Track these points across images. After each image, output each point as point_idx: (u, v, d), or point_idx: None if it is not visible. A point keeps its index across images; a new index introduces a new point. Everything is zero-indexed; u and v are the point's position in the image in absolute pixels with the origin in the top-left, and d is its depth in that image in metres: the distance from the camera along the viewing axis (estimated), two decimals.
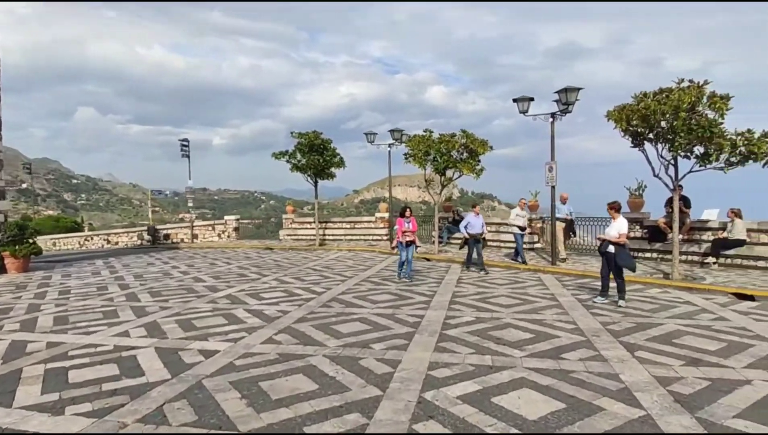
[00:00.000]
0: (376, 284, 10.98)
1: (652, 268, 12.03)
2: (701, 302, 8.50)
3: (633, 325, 6.99)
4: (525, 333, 6.63)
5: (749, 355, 5.51)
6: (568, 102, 12.17)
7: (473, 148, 16.00)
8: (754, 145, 9.12)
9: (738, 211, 11.48)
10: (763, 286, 9.32)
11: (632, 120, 10.19)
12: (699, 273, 11.03)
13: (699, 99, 9.41)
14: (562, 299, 8.92)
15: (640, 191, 13.82)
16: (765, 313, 7.62)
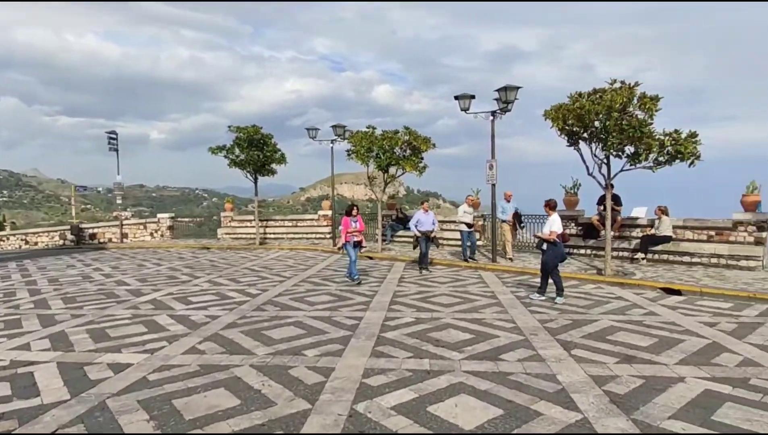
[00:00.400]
0: (315, 285, 10.56)
1: (586, 264, 12.37)
2: (632, 297, 8.74)
3: (569, 322, 7.01)
4: (464, 333, 6.47)
5: (680, 351, 5.60)
6: (507, 100, 12.26)
7: (416, 145, 15.88)
8: (680, 145, 9.49)
9: (665, 208, 12.01)
10: (689, 281, 9.74)
11: (568, 119, 10.36)
12: (629, 268, 11.43)
13: (630, 100, 9.69)
14: (502, 297, 8.89)
15: (575, 190, 14.21)
16: (692, 308, 7.90)
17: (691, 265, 11.46)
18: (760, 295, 8.35)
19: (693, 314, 7.42)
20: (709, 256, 11.27)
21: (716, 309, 7.78)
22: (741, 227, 11.17)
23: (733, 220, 11.30)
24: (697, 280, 9.78)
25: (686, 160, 9.68)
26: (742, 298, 8.41)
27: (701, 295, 8.83)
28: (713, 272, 10.62)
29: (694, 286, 9.26)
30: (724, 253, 11.06)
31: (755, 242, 10.95)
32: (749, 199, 11.12)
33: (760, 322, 6.87)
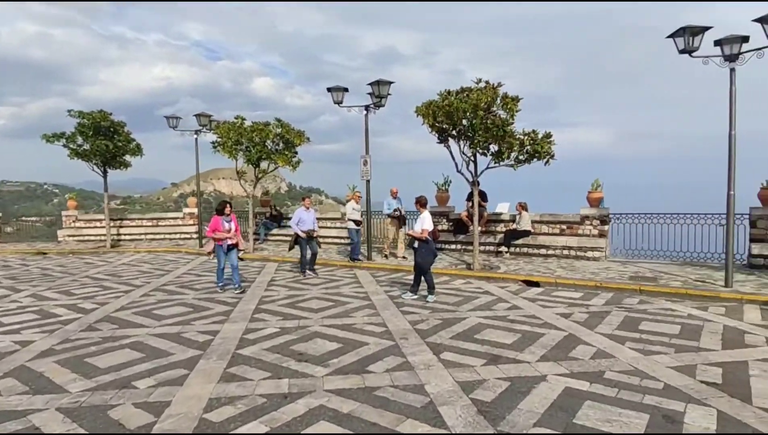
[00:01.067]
0: (170, 294, 9.28)
1: (457, 259, 12.68)
2: (498, 291, 8.99)
3: (440, 322, 6.88)
4: (332, 343, 5.95)
5: (541, 346, 5.68)
6: (380, 95, 12.04)
7: (289, 138, 15.06)
8: (538, 144, 10.03)
9: (525, 204, 12.76)
10: (545, 273, 10.37)
11: (438, 116, 10.41)
12: (495, 262, 11.93)
13: (494, 99, 10.00)
14: (375, 298, 8.57)
15: (446, 186, 14.57)
16: (549, 299, 8.31)
17: (547, 257, 12.32)
18: (605, 284, 9.11)
19: (551, 306, 7.78)
20: (561, 249, 12.22)
21: (570, 299, 8.27)
22: (587, 221, 12.27)
23: (580, 214, 12.37)
24: (552, 272, 10.45)
25: (543, 158, 10.27)
26: (590, 288, 9.10)
27: (557, 286, 9.41)
28: (565, 263, 11.50)
29: (550, 277, 9.86)
30: (574, 245, 12.06)
31: (599, 235, 12.10)
32: (594, 195, 12.25)
33: (607, 311, 7.39)
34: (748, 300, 7.83)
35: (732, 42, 8.32)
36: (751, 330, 6.28)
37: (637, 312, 7.31)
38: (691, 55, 8.60)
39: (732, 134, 8.41)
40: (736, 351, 5.42)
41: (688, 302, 7.95)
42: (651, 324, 6.61)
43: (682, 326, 6.48)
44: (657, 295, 8.42)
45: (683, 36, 8.53)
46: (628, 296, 8.46)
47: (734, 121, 8.38)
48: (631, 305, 7.76)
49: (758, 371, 4.77)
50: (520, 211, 12.76)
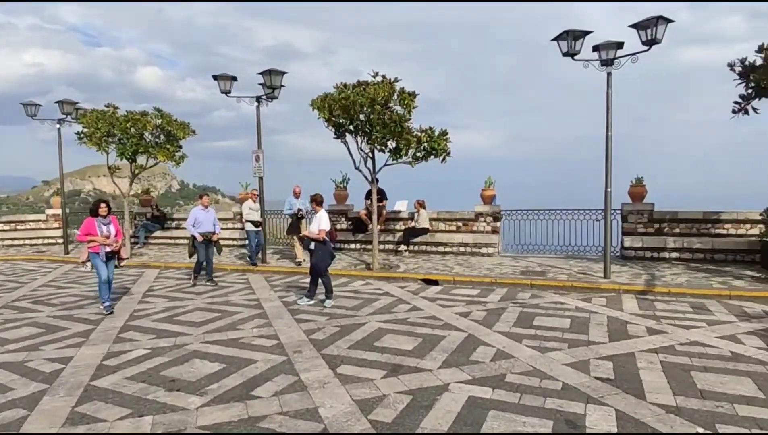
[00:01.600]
0: (19, 312, 7.74)
1: (356, 259, 12.31)
2: (398, 292, 8.74)
3: (337, 329, 6.40)
4: (213, 364, 5.19)
5: (442, 350, 5.44)
6: (273, 85, 11.23)
7: (172, 130, 13.60)
8: (435, 141, 9.97)
9: (423, 202, 12.75)
10: (444, 270, 10.36)
11: (334, 110, 9.92)
12: (395, 261, 11.74)
13: (391, 94, 9.74)
14: (268, 305, 7.86)
15: (345, 184, 14.15)
16: (448, 298, 8.22)
17: (445, 254, 12.41)
18: (500, 279, 9.28)
19: (450, 305, 7.67)
20: (458, 245, 12.38)
21: (468, 297, 8.25)
22: (481, 218, 12.57)
23: (475, 211, 12.65)
24: (450, 269, 10.48)
25: (439, 156, 10.24)
26: (486, 284, 9.21)
27: (455, 284, 9.41)
28: (462, 260, 11.64)
29: (448, 275, 9.85)
30: (469, 241, 12.28)
31: (492, 231, 12.45)
32: (487, 193, 12.59)
33: (503, 307, 7.44)
34: (625, 290, 8.39)
35: (608, 48, 8.86)
36: (631, 320, 6.63)
37: (530, 307, 7.44)
38: (574, 59, 9.04)
39: (609, 135, 8.97)
40: (621, 343, 5.62)
41: (574, 294, 8.32)
42: (544, 319, 6.73)
43: (571, 320, 6.67)
44: (546, 289, 8.73)
45: (566, 39, 8.93)
46: (521, 291, 8.67)
47: (611, 122, 8.94)
48: (525, 300, 7.91)
49: (645, 363, 4.93)
50: (418, 209, 12.73)
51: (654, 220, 11.13)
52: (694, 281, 8.68)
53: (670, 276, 9.20)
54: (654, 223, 11.13)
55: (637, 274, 9.41)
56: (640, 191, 11.24)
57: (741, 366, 4.83)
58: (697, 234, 10.83)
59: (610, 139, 8.97)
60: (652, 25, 8.31)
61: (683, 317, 6.72)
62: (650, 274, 9.37)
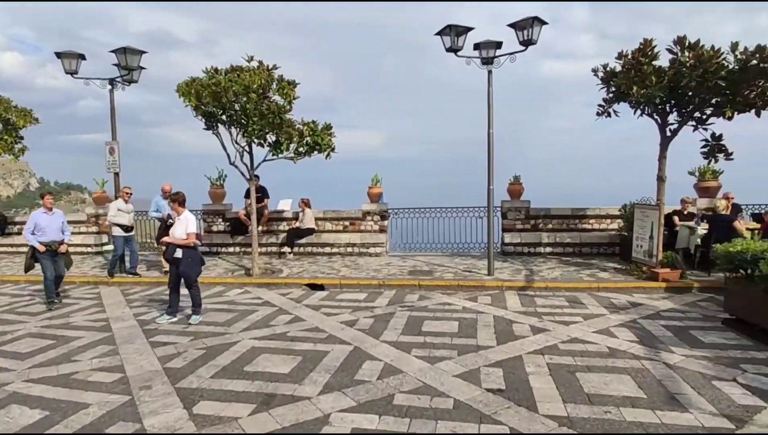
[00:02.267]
0: None
1: (234, 264, 11.19)
2: (279, 300, 7.94)
3: (202, 352, 5.46)
4: (34, 411, 4.00)
5: (324, 370, 4.81)
6: (129, 67, 9.69)
7: (10, 118, 11.31)
8: (318, 135, 9.29)
9: (308, 201, 12.00)
10: (330, 273, 9.73)
11: (204, 97, 8.77)
12: (277, 265, 10.85)
13: (269, 82, 8.86)
14: (118, 326, 6.59)
15: (221, 181, 12.88)
16: (333, 304, 7.61)
17: (331, 256, 11.80)
18: (388, 281, 8.90)
19: (335, 313, 7.07)
20: (345, 246, 11.85)
21: (355, 302, 7.73)
22: (369, 217, 12.17)
23: (362, 210, 12.22)
24: (337, 272, 9.90)
25: (323, 151, 9.59)
26: (374, 287, 8.78)
27: (341, 288, 8.84)
28: (350, 261, 11.13)
29: (335, 278, 9.25)
30: (357, 241, 11.81)
31: (380, 230, 12.12)
32: (374, 190, 12.21)
33: (391, 312, 7.03)
34: (507, 287, 8.49)
35: (488, 46, 8.92)
36: (515, 318, 6.59)
37: (419, 310, 7.13)
38: (457, 54, 8.96)
39: (490, 133, 9.04)
40: (509, 345, 5.46)
41: (461, 294, 8.21)
42: (432, 323, 6.42)
43: (459, 322, 6.45)
44: (434, 289, 8.54)
45: (449, 35, 8.81)
46: (409, 292, 8.37)
47: (492, 120, 9.01)
48: (413, 303, 7.60)
49: (533, 367, 4.78)
50: (303, 208, 11.95)
51: (530, 217, 11.62)
52: (567, 275, 9.09)
53: (546, 270, 9.57)
54: (530, 219, 11.62)
55: (518, 270, 9.66)
56: (517, 189, 11.67)
57: (619, 363, 4.88)
58: (567, 229, 11.51)
59: (492, 136, 9.04)
60: (529, 26, 8.49)
61: (561, 312, 6.86)
62: (529, 270, 9.67)
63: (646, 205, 9.04)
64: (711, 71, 7.32)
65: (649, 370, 4.65)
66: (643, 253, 8.88)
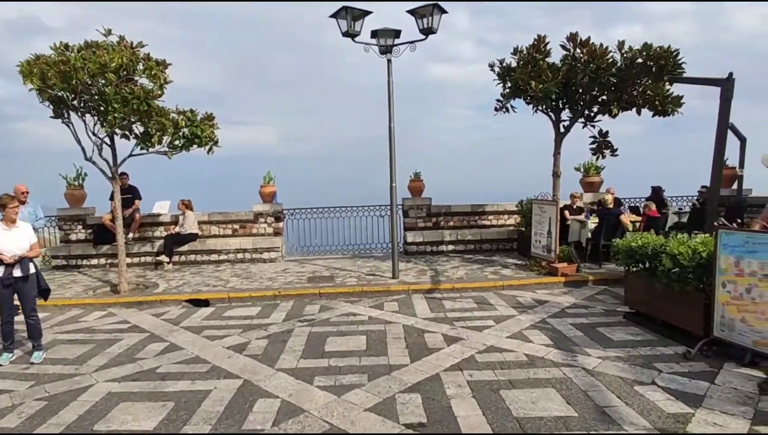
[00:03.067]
0: None
1: (97, 279, 9.42)
2: (152, 323, 6.63)
3: (40, 406, 4.16)
4: None
5: (201, 420, 3.81)
6: None
7: None
8: (197, 126, 8.03)
9: (189, 202, 10.54)
10: (217, 285, 8.51)
11: (50, 78, 7.10)
12: (152, 278, 9.33)
13: (134, 62, 7.43)
14: None
15: (80, 181, 10.88)
16: (220, 324, 6.52)
17: (219, 264, 10.49)
18: (284, 291, 7.95)
19: (221, 335, 6.00)
20: (235, 252, 10.61)
21: (246, 319, 6.71)
22: (261, 219, 11.04)
23: (254, 211, 11.05)
24: (225, 283, 8.71)
25: (204, 145, 8.35)
26: (269, 298, 7.79)
27: (230, 302, 7.72)
28: (240, 269, 9.94)
29: (222, 291, 8.07)
30: (248, 247, 10.63)
31: (275, 233, 11.05)
32: (266, 189, 11.10)
33: (289, 329, 6.14)
34: (414, 290, 8.01)
35: (386, 35, 8.34)
36: (426, 327, 6.08)
37: (320, 324, 6.33)
38: (354, 40, 8.27)
39: (391, 126, 8.49)
40: (424, 362, 4.89)
41: (366, 301, 7.56)
42: (337, 340, 5.67)
43: (367, 336, 5.78)
44: (337, 297, 7.79)
45: (345, 18, 8.08)
46: (309, 302, 7.54)
47: (392, 112, 8.46)
48: (314, 315, 6.77)
49: (453, 388, 4.23)
50: (183, 210, 10.47)
51: (432, 215, 11.34)
52: (471, 274, 8.87)
53: (451, 270, 9.29)
54: (432, 217, 11.35)
55: (422, 271, 9.25)
56: (418, 186, 11.32)
57: (541, 373, 4.53)
58: (468, 226, 11.43)
59: (393, 131, 8.50)
60: (428, 14, 8.06)
61: (472, 316, 6.50)
62: (434, 270, 9.31)
63: (543, 200, 9.13)
64: (603, 67, 7.46)
65: (572, 380, 4.34)
66: (542, 248, 8.94)
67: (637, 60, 7.44)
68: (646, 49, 7.16)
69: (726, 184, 11.74)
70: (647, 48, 7.16)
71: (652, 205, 9.20)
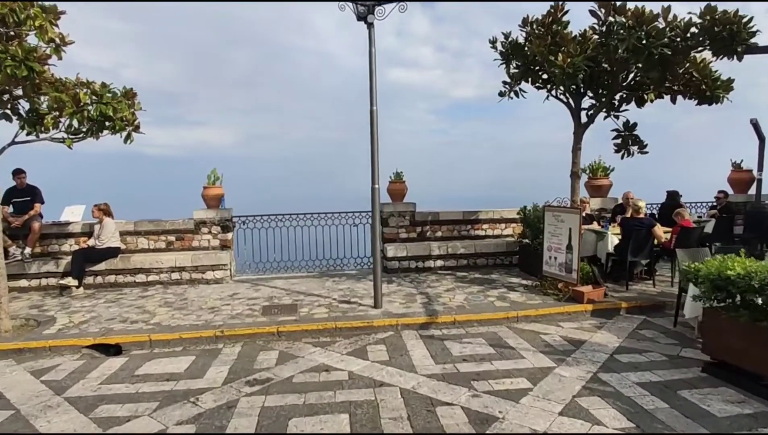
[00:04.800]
0: None
1: None
2: (23, 389, 4.41)
3: None
4: None
5: None
6: None
7: None
8: (107, 104, 5.84)
9: (106, 207, 8.17)
10: (137, 321, 6.28)
11: None
12: (51, 310, 6.97)
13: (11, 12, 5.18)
14: None
15: None
16: (124, 391, 4.36)
17: (147, 287, 8.20)
18: (229, 330, 5.83)
19: (124, 414, 3.87)
20: (169, 271, 8.33)
21: (168, 381, 4.58)
22: (205, 228, 8.82)
23: (194, 220, 8.82)
24: (150, 316, 6.49)
25: (119, 130, 6.17)
26: (206, 341, 5.67)
27: (152, 347, 5.56)
28: (174, 295, 7.69)
29: (141, 332, 5.87)
30: (187, 264, 8.38)
31: (221, 246, 8.85)
32: (211, 192, 8.90)
33: (231, 403, 4.07)
34: (404, 324, 6.09)
35: None
36: (435, 393, 4.17)
37: (279, 391, 4.30)
38: None
39: (373, 110, 6.56)
40: None
41: (341, 342, 5.59)
42: (305, 422, 3.67)
43: (350, 415, 3.81)
44: (301, 337, 5.76)
45: None
46: (264, 346, 5.49)
47: (375, 92, 6.53)
48: (270, 372, 4.73)
49: None
50: (100, 217, 8.14)
51: (416, 223, 9.45)
52: (473, 300, 7.02)
53: (446, 293, 7.42)
54: (416, 226, 9.45)
55: (410, 296, 7.33)
56: (400, 189, 9.39)
57: None
58: (459, 237, 9.60)
59: (375, 114, 6.56)
60: None
61: (494, 371, 4.65)
62: (424, 294, 7.42)
63: (560, 207, 7.41)
64: (653, 35, 5.77)
65: None
66: (558, 266, 7.21)
67: (691, 29, 5.82)
68: (710, 12, 5.52)
69: (742, 189, 10.47)
70: (711, 11, 5.52)
71: (685, 212, 7.64)
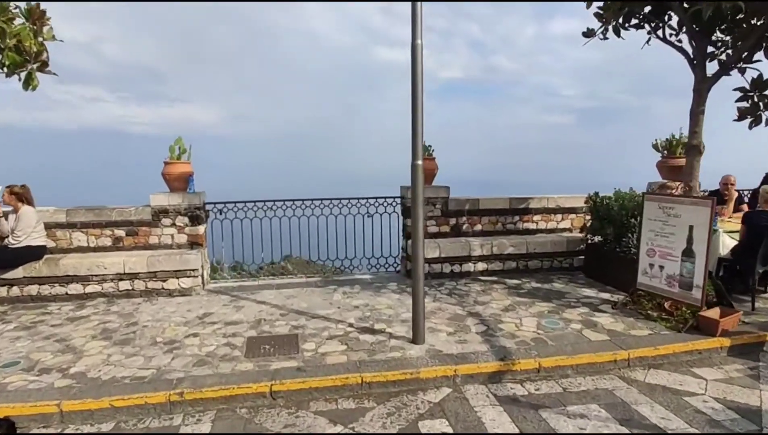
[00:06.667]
0: None
1: None
2: None
3: None
4: None
5: None
6: None
7: None
8: None
9: (23, 190, 5.81)
10: (52, 366, 4.02)
11: None
12: None
13: None
14: None
15: None
16: None
17: (84, 303, 5.89)
18: (191, 393, 3.60)
19: None
20: (116, 279, 6.02)
21: None
22: (166, 219, 6.50)
23: (152, 207, 6.47)
24: (74, 356, 4.24)
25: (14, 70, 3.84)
26: (155, 411, 3.46)
27: (62, 425, 3.34)
28: (118, 317, 5.41)
29: (48, 393, 3.63)
30: (141, 269, 6.07)
31: (189, 243, 6.55)
32: (175, 169, 6.52)
33: None
34: (466, 375, 3.95)
35: None
36: None
37: None
38: None
39: (416, 44, 4.28)
40: None
41: (373, 411, 3.44)
42: None
43: None
44: (309, 399, 3.59)
45: None
46: (250, 420, 3.31)
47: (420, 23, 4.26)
48: None
49: None
50: (14, 205, 5.78)
51: (450, 214, 7.24)
52: (549, 327, 4.91)
53: (506, 316, 5.28)
54: (449, 217, 7.25)
55: (458, 320, 5.18)
56: (430, 167, 7.11)
57: None
58: (504, 231, 7.43)
59: (419, 49, 4.29)
60: None
61: None
62: (476, 316, 5.27)
63: (674, 197, 5.28)
64: None
65: None
66: (666, 279, 5.11)
67: None
68: None
69: None
70: None
71: None
